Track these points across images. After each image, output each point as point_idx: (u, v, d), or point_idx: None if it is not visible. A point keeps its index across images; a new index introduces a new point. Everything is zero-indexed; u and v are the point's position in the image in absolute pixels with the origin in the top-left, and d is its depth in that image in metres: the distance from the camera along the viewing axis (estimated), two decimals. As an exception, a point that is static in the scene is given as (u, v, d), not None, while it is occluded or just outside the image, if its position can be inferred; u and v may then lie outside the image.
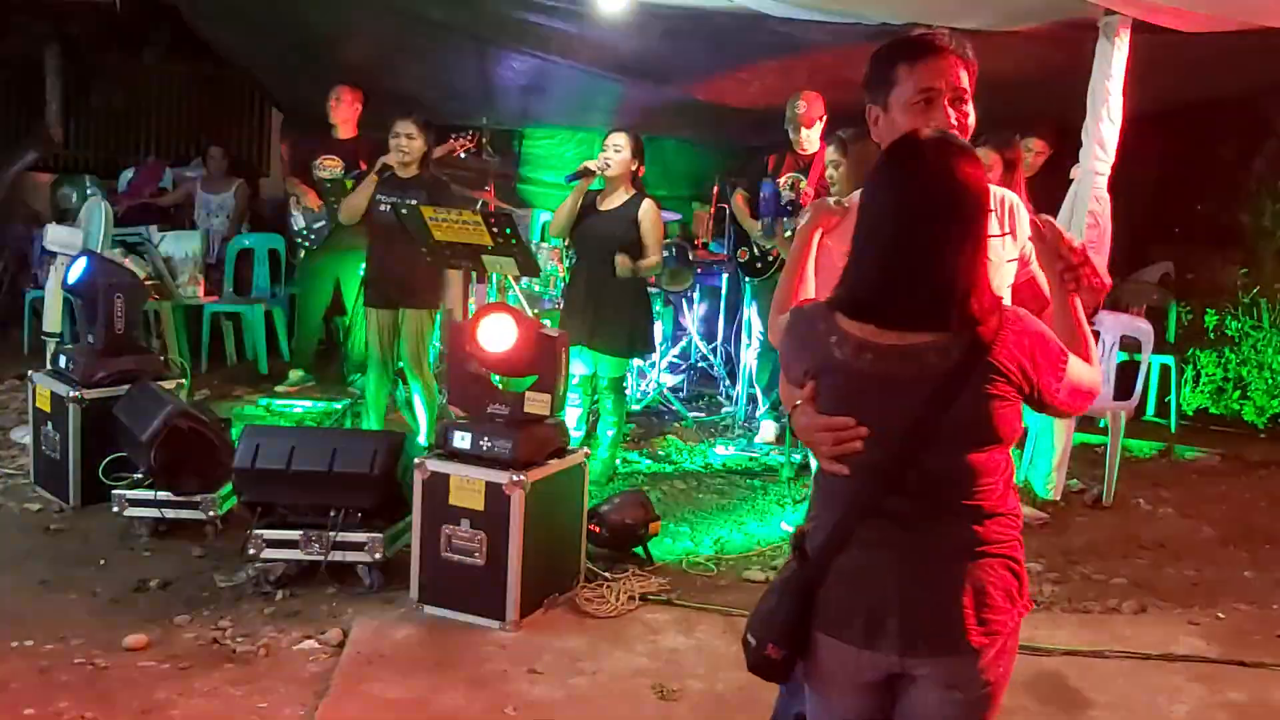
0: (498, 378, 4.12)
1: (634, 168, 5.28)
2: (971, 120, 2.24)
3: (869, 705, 2.00)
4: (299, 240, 6.90)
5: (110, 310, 4.94)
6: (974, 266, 1.85)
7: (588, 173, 5.25)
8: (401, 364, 5.59)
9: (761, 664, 2.01)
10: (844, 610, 1.93)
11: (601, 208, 5.33)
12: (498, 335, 3.98)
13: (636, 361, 6.37)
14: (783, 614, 1.97)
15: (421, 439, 5.37)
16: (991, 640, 1.90)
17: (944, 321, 1.83)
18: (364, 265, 5.81)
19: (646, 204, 5.28)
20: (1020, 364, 1.85)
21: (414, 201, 5.10)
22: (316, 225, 6.73)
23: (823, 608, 1.95)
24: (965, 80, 2.22)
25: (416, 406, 5.60)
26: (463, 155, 5.61)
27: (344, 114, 6.70)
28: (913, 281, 1.85)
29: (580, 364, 5.34)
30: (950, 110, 2.20)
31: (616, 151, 5.24)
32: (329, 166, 6.68)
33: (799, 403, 1.95)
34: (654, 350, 6.07)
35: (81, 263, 5.12)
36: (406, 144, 5.39)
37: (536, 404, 4.01)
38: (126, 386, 4.81)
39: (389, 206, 5.34)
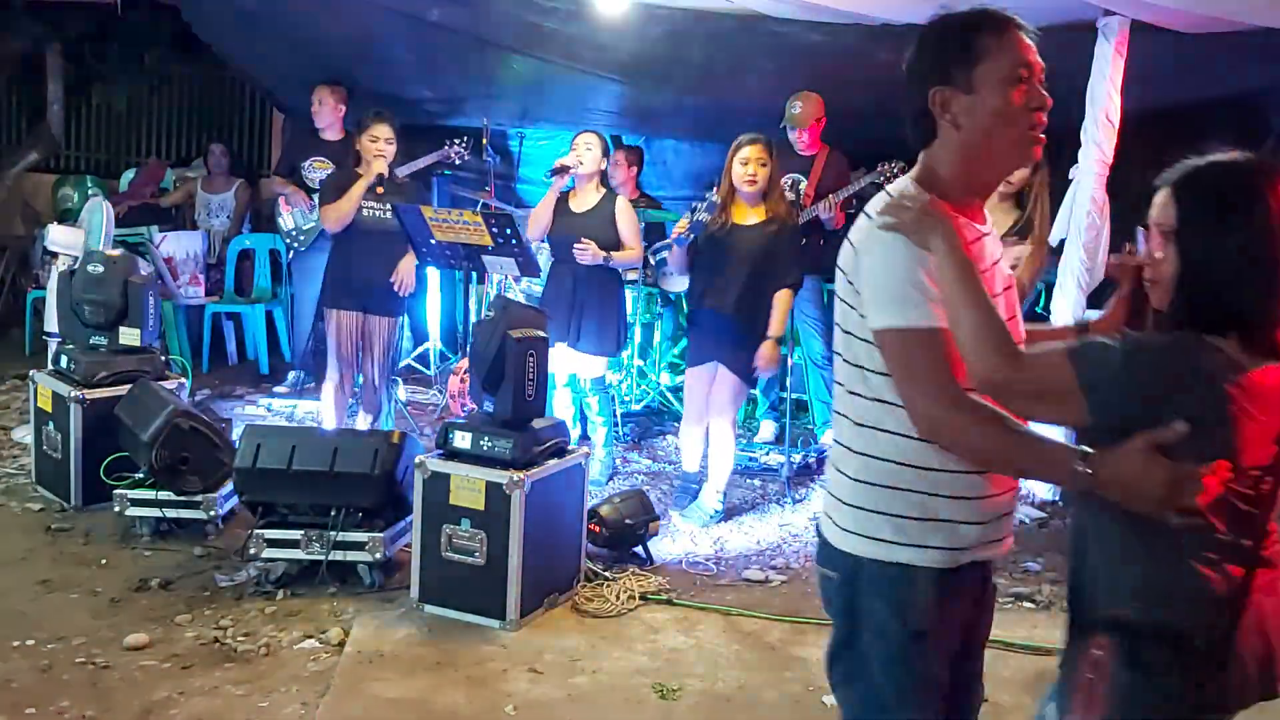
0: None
1: (603, 167, 5.36)
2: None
3: None
4: (288, 242, 6.86)
5: None
6: None
7: (565, 169, 5.28)
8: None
9: None
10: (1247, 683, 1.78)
11: (574, 209, 5.34)
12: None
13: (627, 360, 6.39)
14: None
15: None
16: None
17: None
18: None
19: (620, 201, 5.36)
20: None
21: (390, 205, 5.12)
22: (306, 227, 6.69)
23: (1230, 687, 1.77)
24: None
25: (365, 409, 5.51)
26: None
27: (327, 116, 6.60)
28: None
29: (566, 363, 5.34)
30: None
31: (588, 150, 5.27)
32: (319, 169, 6.64)
33: (1138, 447, 1.69)
34: (624, 348, 5.98)
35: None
36: (386, 148, 5.27)
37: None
38: (128, 386, 4.82)
39: (369, 210, 5.27)
